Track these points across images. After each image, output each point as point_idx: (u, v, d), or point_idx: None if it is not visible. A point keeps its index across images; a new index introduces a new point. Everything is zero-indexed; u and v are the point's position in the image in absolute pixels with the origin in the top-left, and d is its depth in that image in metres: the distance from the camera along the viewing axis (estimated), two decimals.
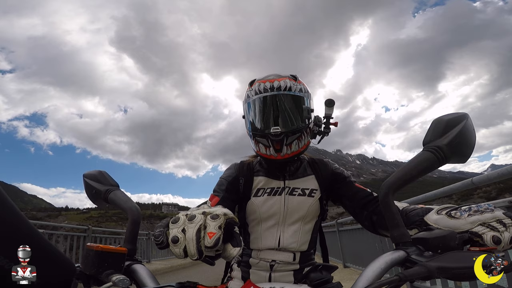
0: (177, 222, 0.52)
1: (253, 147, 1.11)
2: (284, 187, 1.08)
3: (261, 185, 1.09)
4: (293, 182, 1.09)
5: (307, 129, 1.07)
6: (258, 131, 1.06)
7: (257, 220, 1.06)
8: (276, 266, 1.02)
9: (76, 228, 7.61)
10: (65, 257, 0.51)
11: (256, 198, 1.07)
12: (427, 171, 0.61)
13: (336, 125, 1.17)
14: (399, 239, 0.59)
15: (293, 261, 1.03)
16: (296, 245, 1.03)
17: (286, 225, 1.04)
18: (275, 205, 1.05)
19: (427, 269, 0.48)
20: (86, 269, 0.55)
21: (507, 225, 0.56)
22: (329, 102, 1.14)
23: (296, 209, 1.05)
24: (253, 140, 1.09)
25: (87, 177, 0.84)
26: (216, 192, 1.07)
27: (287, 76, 1.08)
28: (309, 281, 0.63)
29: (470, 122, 0.63)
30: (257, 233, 1.06)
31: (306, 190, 1.07)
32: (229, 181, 1.10)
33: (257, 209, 1.06)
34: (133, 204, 0.76)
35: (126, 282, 0.52)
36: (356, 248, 6.00)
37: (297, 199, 1.06)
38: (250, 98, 1.08)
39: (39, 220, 10.32)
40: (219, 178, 1.14)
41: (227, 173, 1.14)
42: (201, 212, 0.53)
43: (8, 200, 0.41)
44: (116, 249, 0.57)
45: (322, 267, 0.65)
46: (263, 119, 1.05)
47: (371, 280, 0.53)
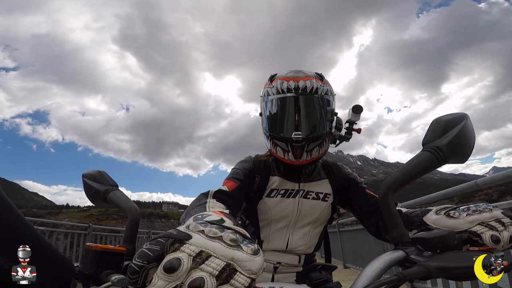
0: (176, 271, 0.34)
1: (269, 147, 1.05)
2: (299, 189, 1.04)
3: (275, 186, 1.04)
4: (308, 185, 1.05)
5: (329, 135, 1.02)
6: (277, 134, 0.98)
7: (268, 221, 1.03)
8: (280, 268, 1.01)
9: (76, 226, 7.59)
10: (64, 257, 0.50)
11: (269, 198, 1.02)
12: (426, 171, 0.61)
13: (359, 132, 1.11)
14: (398, 239, 0.59)
15: (298, 263, 1.02)
16: (304, 248, 1.02)
17: (296, 228, 1.02)
18: (288, 207, 1.02)
19: (426, 269, 0.48)
20: (85, 269, 0.55)
21: (506, 224, 0.56)
22: (357, 109, 1.08)
23: (308, 213, 1.02)
24: (270, 142, 1.01)
25: (86, 177, 0.84)
26: (234, 178, 0.97)
27: (313, 75, 0.99)
28: (308, 280, 0.63)
29: (469, 122, 0.63)
30: (265, 234, 1.04)
31: (320, 194, 1.04)
32: (245, 173, 1.01)
33: (269, 210, 1.02)
34: (132, 204, 0.75)
35: (125, 281, 0.52)
36: (357, 248, 6.00)
37: (310, 202, 1.03)
38: (270, 96, 0.99)
39: (40, 218, 10.31)
40: (233, 168, 1.05)
41: (243, 165, 1.05)
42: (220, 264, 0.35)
43: (7, 200, 0.41)
44: (115, 249, 0.57)
45: (322, 267, 0.65)
46: (284, 122, 0.97)
47: (370, 280, 0.53)
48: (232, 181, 0.95)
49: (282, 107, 0.97)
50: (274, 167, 1.08)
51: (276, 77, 1.00)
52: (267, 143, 1.04)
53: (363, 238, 5.45)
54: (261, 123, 1.06)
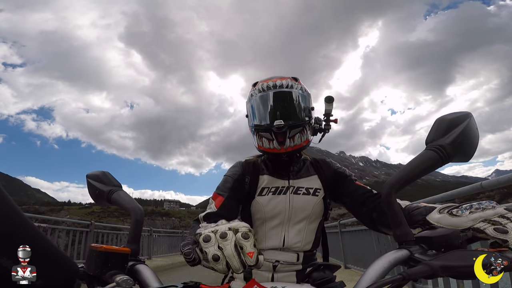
0: (209, 241, 0.55)
1: (255, 143, 1.12)
2: (289, 186, 1.08)
3: (265, 184, 1.09)
4: (297, 181, 1.10)
5: (309, 124, 1.10)
6: (261, 126, 1.07)
7: (262, 220, 1.06)
8: (279, 267, 1.02)
9: (78, 223, 7.59)
10: (68, 257, 0.50)
11: (261, 197, 1.07)
12: (429, 170, 0.61)
13: (336, 122, 1.20)
14: (402, 238, 0.58)
15: (297, 261, 1.04)
16: (301, 244, 1.04)
17: (291, 225, 1.05)
18: (280, 204, 1.05)
19: (431, 268, 0.48)
20: (89, 269, 0.55)
21: (510, 218, 0.55)
22: (329, 99, 1.17)
23: (301, 208, 1.05)
24: (256, 136, 1.09)
25: (90, 177, 0.84)
26: (221, 191, 1.05)
27: (289, 77, 1.12)
28: (311, 280, 0.64)
29: (473, 121, 0.62)
30: (261, 233, 1.06)
31: (310, 189, 1.08)
32: (235, 178, 1.09)
33: (262, 209, 1.06)
34: (136, 204, 0.76)
35: (129, 282, 0.52)
36: (358, 249, 5.99)
37: (302, 198, 1.06)
38: (253, 96, 1.11)
39: (42, 215, 10.34)
40: (224, 176, 1.13)
41: (232, 171, 1.13)
42: (227, 228, 0.57)
43: (9, 199, 0.41)
44: (119, 250, 0.57)
45: (325, 266, 0.65)
46: (267, 114, 1.08)
47: (374, 279, 0.53)
48: (219, 195, 1.03)
49: (264, 102, 1.09)
50: (263, 167, 1.14)
51: (258, 82, 1.14)
52: (254, 140, 1.12)
53: (365, 238, 5.44)
54: (248, 124, 1.17)
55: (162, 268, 7.87)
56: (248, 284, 0.58)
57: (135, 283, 0.59)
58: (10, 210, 0.41)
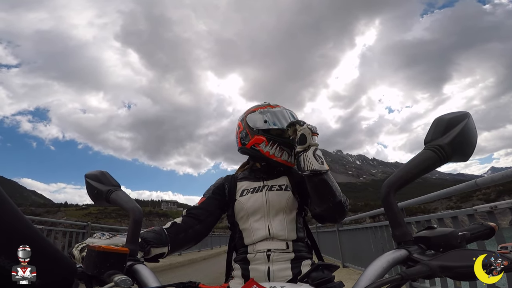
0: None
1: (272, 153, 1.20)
2: (264, 185, 1.23)
3: (245, 187, 1.25)
4: (271, 181, 1.25)
5: None
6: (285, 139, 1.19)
7: (246, 216, 1.18)
8: (272, 256, 1.08)
9: (75, 225, 7.55)
10: (66, 257, 0.50)
11: (242, 197, 1.22)
12: (428, 170, 0.61)
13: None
14: (401, 238, 0.59)
15: (287, 249, 1.10)
16: (285, 232, 1.13)
17: (272, 217, 1.16)
18: (258, 200, 1.19)
19: (429, 268, 0.48)
20: (87, 269, 0.55)
21: None
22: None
23: (276, 202, 1.18)
24: (272, 146, 1.20)
25: (88, 177, 0.84)
26: (204, 194, 1.26)
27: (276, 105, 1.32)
28: (310, 280, 0.64)
29: (471, 121, 0.63)
30: (248, 227, 1.16)
31: (282, 185, 1.23)
32: (216, 186, 1.28)
33: (243, 206, 1.19)
34: (135, 204, 0.76)
35: (128, 282, 0.52)
36: (356, 248, 6.02)
37: (276, 193, 1.20)
38: (267, 109, 1.26)
39: (38, 216, 10.24)
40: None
41: (214, 183, 1.33)
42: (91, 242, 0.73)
43: (8, 199, 0.41)
44: (118, 249, 0.57)
45: (323, 266, 0.65)
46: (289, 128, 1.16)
47: (373, 279, 0.53)
48: (203, 197, 1.25)
49: (284, 117, 1.24)
50: (242, 176, 1.31)
51: (258, 106, 1.30)
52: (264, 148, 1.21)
53: (363, 237, 5.47)
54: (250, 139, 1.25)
55: (160, 269, 7.86)
56: (247, 284, 0.58)
57: (133, 283, 0.58)
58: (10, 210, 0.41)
